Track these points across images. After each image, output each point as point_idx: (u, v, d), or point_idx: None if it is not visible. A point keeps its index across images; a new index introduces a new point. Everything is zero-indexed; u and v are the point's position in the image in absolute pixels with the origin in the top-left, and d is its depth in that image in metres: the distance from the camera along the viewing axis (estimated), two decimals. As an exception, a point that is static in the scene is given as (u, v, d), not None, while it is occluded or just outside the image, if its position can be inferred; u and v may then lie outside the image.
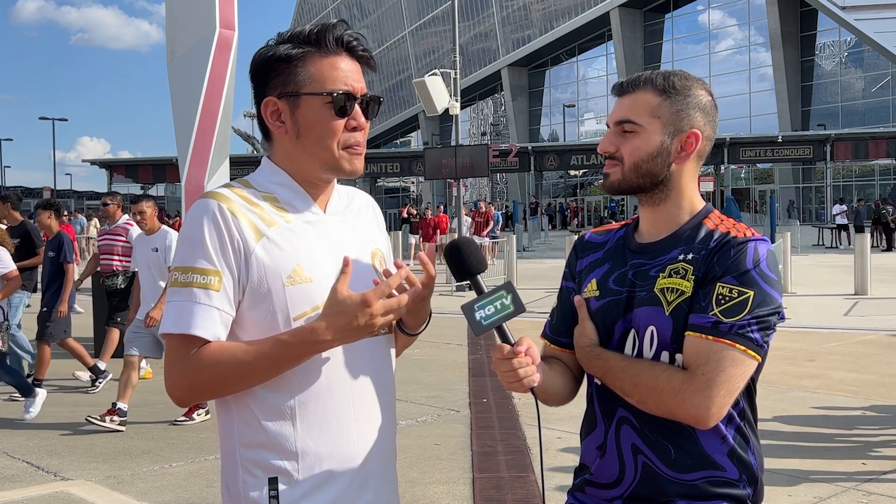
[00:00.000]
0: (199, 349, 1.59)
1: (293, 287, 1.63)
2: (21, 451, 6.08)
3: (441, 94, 19.29)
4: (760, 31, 58.06)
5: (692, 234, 1.77)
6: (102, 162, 50.61)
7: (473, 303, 1.65)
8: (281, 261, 1.63)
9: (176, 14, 7.91)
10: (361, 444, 1.69)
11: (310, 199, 1.73)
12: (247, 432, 1.66)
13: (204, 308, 1.59)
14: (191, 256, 1.62)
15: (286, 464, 1.63)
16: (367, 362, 1.72)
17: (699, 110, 1.78)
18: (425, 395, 7.71)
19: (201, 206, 1.64)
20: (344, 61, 1.70)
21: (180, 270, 1.62)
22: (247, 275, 1.62)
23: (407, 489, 5.09)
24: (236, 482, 1.67)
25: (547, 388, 1.81)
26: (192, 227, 1.63)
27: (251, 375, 1.60)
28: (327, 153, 1.69)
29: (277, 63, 1.69)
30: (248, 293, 1.63)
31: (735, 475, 1.73)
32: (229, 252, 1.61)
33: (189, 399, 1.66)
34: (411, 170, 47.77)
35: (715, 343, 1.64)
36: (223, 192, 1.67)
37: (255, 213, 1.66)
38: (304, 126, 1.68)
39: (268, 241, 1.64)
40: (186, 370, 1.60)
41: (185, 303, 1.60)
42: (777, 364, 8.75)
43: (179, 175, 7.90)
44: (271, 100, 1.70)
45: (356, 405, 1.69)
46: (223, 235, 1.61)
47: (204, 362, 1.59)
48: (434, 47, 69.69)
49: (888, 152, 43.87)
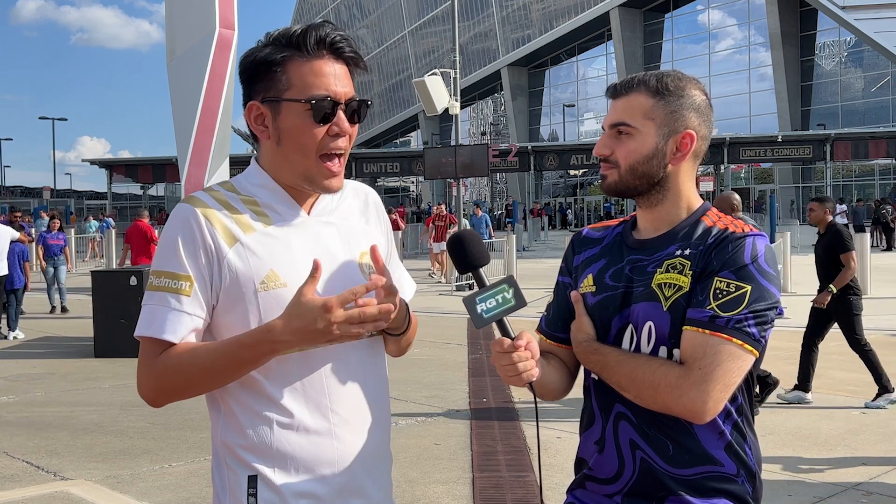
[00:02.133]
0: (166, 351, 1.62)
1: (266, 293, 1.63)
2: (21, 451, 6.09)
3: (441, 93, 19.30)
4: (760, 30, 58.06)
5: (690, 231, 1.77)
6: (102, 162, 50.58)
7: (475, 296, 1.65)
8: (255, 266, 1.64)
9: (176, 14, 7.92)
10: (344, 448, 1.68)
11: (293, 201, 1.72)
12: (230, 432, 1.68)
13: (174, 313, 1.62)
14: (165, 261, 1.65)
15: (265, 465, 1.65)
16: (353, 366, 1.71)
17: (694, 110, 1.78)
18: (425, 395, 7.71)
19: (177, 212, 1.67)
20: (327, 65, 1.65)
21: (155, 275, 1.65)
22: (220, 280, 1.64)
23: (407, 489, 5.09)
24: (222, 479, 1.70)
25: (544, 384, 1.82)
26: (168, 232, 1.67)
27: (213, 376, 1.62)
28: (305, 163, 1.66)
29: (260, 67, 1.66)
30: (222, 298, 1.65)
31: (733, 470, 1.74)
32: (201, 257, 1.63)
33: (158, 399, 1.67)
34: (411, 170, 47.78)
35: (712, 337, 1.65)
36: (200, 198, 1.68)
37: (232, 218, 1.66)
38: (284, 133, 1.66)
39: (241, 246, 1.64)
40: (154, 372, 1.63)
41: (157, 307, 1.63)
42: (777, 364, 8.74)
43: (179, 175, 7.91)
44: (255, 104, 1.68)
45: (338, 408, 1.68)
46: (196, 240, 1.63)
47: (169, 364, 1.62)
48: (434, 47, 69.67)
49: (888, 152, 43.87)
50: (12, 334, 12.00)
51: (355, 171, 45.76)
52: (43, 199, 55.78)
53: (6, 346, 11.24)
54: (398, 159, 49.02)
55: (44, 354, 10.54)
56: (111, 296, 10.22)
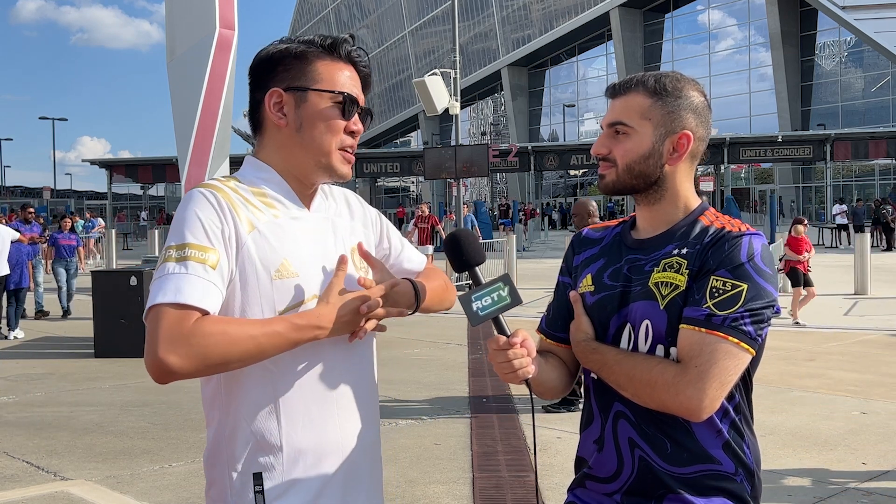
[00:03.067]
0: (202, 318, 1.54)
1: (280, 281, 1.65)
2: (21, 451, 6.09)
3: (441, 93, 19.30)
4: (760, 30, 58.06)
5: (687, 230, 1.78)
6: (102, 162, 50.55)
7: (471, 294, 1.68)
8: (270, 254, 1.66)
9: (176, 14, 7.93)
10: (345, 437, 1.72)
11: (295, 195, 1.77)
12: (232, 429, 1.67)
13: (205, 282, 1.56)
14: (187, 235, 1.60)
15: (271, 459, 1.65)
16: (350, 357, 1.76)
17: (691, 111, 1.79)
18: (425, 395, 7.72)
19: (196, 194, 1.66)
20: (350, 70, 1.78)
21: (175, 247, 1.58)
22: (236, 264, 1.64)
23: (407, 489, 5.10)
24: (223, 478, 1.68)
25: (542, 381, 1.84)
26: (187, 211, 1.63)
27: (256, 350, 1.57)
28: (325, 150, 1.73)
29: (289, 58, 1.74)
30: (237, 282, 1.64)
31: (731, 469, 1.74)
32: (224, 237, 1.62)
33: (187, 367, 1.52)
34: (411, 170, 47.75)
35: (708, 335, 1.65)
36: (217, 184, 1.70)
37: (247, 206, 1.69)
38: (307, 120, 1.72)
39: (258, 234, 1.66)
40: (188, 337, 1.51)
41: (185, 275, 1.55)
42: (777, 364, 8.75)
43: (179, 175, 7.91)
44: (277, 90, 1.73)
45: (339, 399, 1.72)
46: (220, 220, 1.63)
47: (210, 330, 1.53)
48: (434, 47, 69.69)
49: (888, 152, 43.83)
50: (12, 334, 12.01)
51: (355, 171, 45.74)
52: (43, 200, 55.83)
53: (6, 346, 11.25)
54: (398, 159, 49.01)
55: (44, 354, 10.55)
56: (111, 296, 10.23)
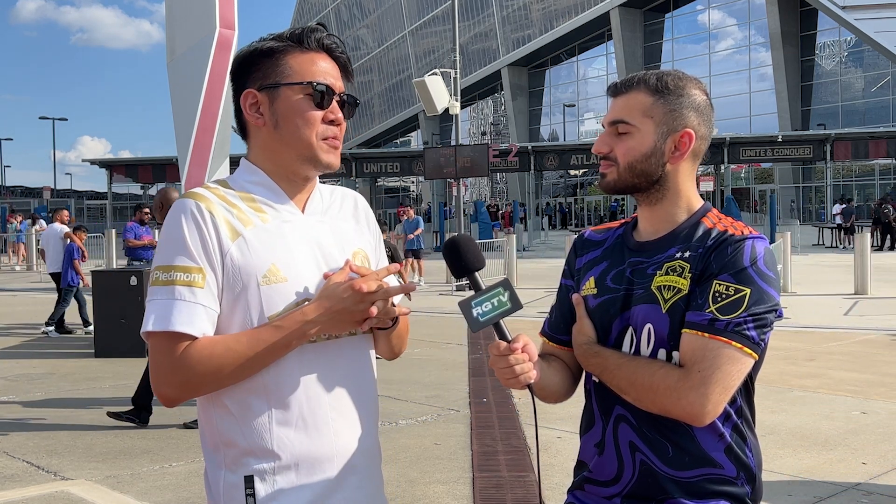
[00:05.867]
0: (190, 345, 1.60)
1: (268, 287, 1.65)
2: (21, 451, 6.09)
3: (441, 93, 19.31)
4: (760, 30, 58.04)
5: (690, 233, 1.77)
6: (102, 162, 50.55)
7: (471, 299, 1.66)
8: (256, 260, 1.65)
9: (176, 14, 7.92)
10: (340, 442, 1.71)
11: (286, 198, 1.75)
12: (225, 432, 1.67)
13: (188, 305, 1.60)
14: (172, 255, 1.63)
15: (263, 463, 1.65)
16: (346, 360, 1.74)
17: (693, 110, 1.78)
18: (425, 395, 7.71)
19: (179, 206, 1.66)
20: (324, 60, 1.75)
21: (162, 269, 1.63)
22: (223, 273, 1.64)
23: (407, 489, 5.09)
24: (217, 481, 1.69)
25: (544, 386, 1.82)
26: (172, 227, 1.65)
27: (245, 365, 1.61)
28: (305, 143, 1.71)
29: (259, 57, 1.73)
30: (225, 291, 1.65)
31: (733, 473, 1.74)
32: (209, 249, 1.63)
33: (182, 396, 1.64)
34: (411, 169, 47.72)
35: (711, 340, 1.64)
36: (200, 192, 1.70)
37: (232, 212, 1.68)
38: (282, 116, 1.71)
39: (243, 240, 1.66)
40: (177, 367, 1.60)
41: (169, 300, 1.60)
42: (777, 364, 8.75)
43: (179, 175, 7.90)
44: (251, 91, 1.73)
45: (334, 403, 1.71)
46: (203, 233, 1.63)
47: (196, 357, 1.59)
48: (434, 47, 69.66)
49: (888, 152, 43.84)
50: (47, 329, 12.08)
51: (355, 171, 45.75)
52: (43, 200, 55.77)
53: (6, 346, 11.25)
54: (398, 159, 48.97)
55: (44, 354, 10.55)
56: (111, 296, 10.22)
